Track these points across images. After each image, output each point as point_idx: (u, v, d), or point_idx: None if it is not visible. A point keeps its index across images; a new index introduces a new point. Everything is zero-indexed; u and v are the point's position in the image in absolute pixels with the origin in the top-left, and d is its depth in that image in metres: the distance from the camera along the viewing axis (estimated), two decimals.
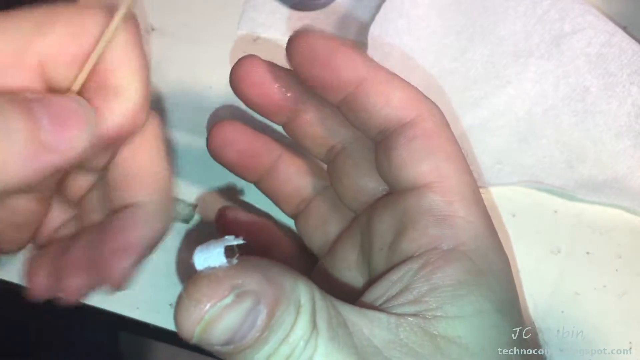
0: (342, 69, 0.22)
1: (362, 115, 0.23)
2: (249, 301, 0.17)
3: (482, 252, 0.21)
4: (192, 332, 0.17)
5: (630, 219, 0.34)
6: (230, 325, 0.17)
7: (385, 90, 0.22)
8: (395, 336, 0.19)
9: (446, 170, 0.22)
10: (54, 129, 0.17)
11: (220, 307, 0.17)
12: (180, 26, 0.42)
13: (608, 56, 0.35)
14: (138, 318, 0.33)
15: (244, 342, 0.17)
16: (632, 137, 0.34)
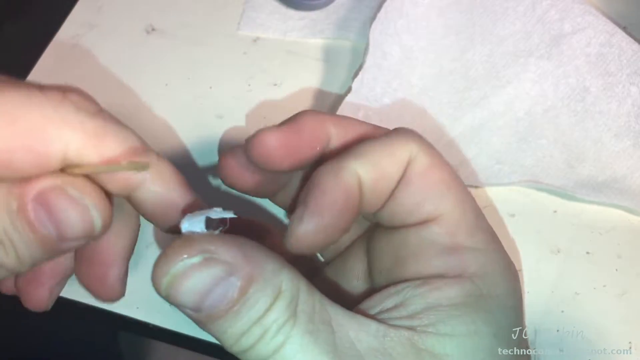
0: (342, 213, 0.20)
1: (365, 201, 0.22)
2: (218, 269, 0.18)
3: (487, 277, 0.21)
4: (159, 284, 0.18)
5: (630, 219, 0.34)
6: (196, 287, 0.18)
7: (381, 173, 0.21)
8: (380, 344, 0.19)
9: (449, 202, 0.21)
10: (60, 234, 0.18)
11: (185, 265, 0.18)
12: (180, 26, 0.43)
13: (608, 56, 0.35)
14: (138, 318, 0.33)
15: (215, 312, 0.18)
16: (632, 137, 0.34)
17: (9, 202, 0.18)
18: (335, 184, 0.20)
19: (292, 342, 0.18)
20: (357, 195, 0.21)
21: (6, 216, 0.18)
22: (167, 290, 0.18)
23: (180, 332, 0.32)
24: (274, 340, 0.18)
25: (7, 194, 0.18)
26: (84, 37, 0.42)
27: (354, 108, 0.36)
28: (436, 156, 0.22)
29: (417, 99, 0.37)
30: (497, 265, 0.22)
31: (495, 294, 0.21)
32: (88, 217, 0.18)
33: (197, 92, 0.39)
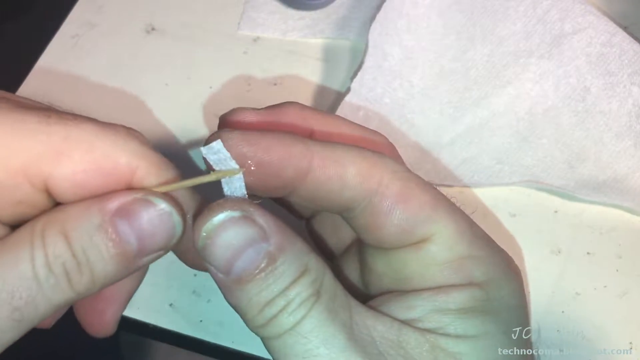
0: (282, 168, 0.20)
1: (320, 202, 0.21)
2: (253, 230, 0.19)
3: (492, 282, 0.21)
4: (199, 233, 0.19)
5: (630, 219, 0.34)
6: (231, 242, 0.18)
7: (337, 173, 0.20)
8: (395, 337, 0.20)
9: (439, 221, 0.21)
10: (142, 245, 0.19)
11: (226, 216, 0.19)
12: (180, 26, 0.42)
13: (609, 56, 0.35)
14: (138, 318, 0.33)
15: (243, 275, 0.18)
16: (633, 137, 0.34)
17: (89, 219, 0.18)
18: (285, 139, 0.20)
19: (311, 317, 0.19)
20: (298, 163, 0.20)
21: (85, 234, 0.18)
22: (204, 241, 0.19)
23: (180, 332, 0.32)
24: (295, 313, 0.19)
25: (84, 211, 0.18)
26: (84, 36, 0.42)
27: (353, 108, 0.36)
28: (410, 178, 0.21)
29: (418, 99, 0.37)
30: (498, 268, 0.22)
31: (501, 295, 0.21)
32: (170, 223, 0.19)
33: (197, 91, 0.39)
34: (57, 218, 0.18)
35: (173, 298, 0.33)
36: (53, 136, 0.18)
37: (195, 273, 0.34)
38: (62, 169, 0.18)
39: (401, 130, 0.36)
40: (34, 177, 0.18)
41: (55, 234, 0.18)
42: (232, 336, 0.32)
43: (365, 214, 0.21)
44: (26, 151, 0.18)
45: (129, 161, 0.19)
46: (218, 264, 0.19)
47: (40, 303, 0.18)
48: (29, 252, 0.17)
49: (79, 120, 0.18)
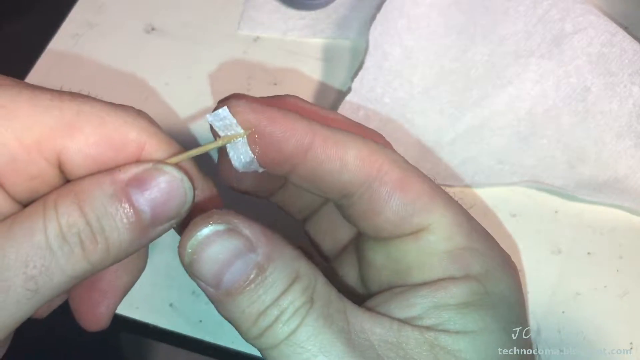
0: (283, 141, 0.20)
1: (319, 184, 0.21)
2: (239, 241, 0.19)
3: (490, 275, 0.21)
4: (185, 248, 0.19)
5: (631, 219, 0.34)
6: (218, 255, 0.18)
7: (338, 153, 0.20)
8: (394, 338, 0.19)
9: (436, 210, 0.21)
10: (155, 214, 0.19)
11: (210, 230, 0.19)
12: (180, 26, 0.42)
13: (609, 56, 0.35)
14: (138, 318, 0.33)
15: (233, 288, 0.18)
16: (633, 137, 0.34)
17: (102, 189, 0.18)
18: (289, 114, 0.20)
19: (306, 325, 0.19)
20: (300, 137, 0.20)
21: (99, 203, 0.18)
22: (191, 257, 0.19)
23: (180, 332, 0.32)
24: (290, 322, 0.19)
25: (97, 182, 0.18)
26: (84, 36, 0.42)
27: (354, 108, 0.36)
28: (408, 167, 0.22)
29: (418, 98, 0.37)
30: (496, 262, 0.22)
31: (499, 290, 0.21)
32: (182, 190, 0.19)
33: (197, 91, 0.39)
34: (70, 190, 0.18)
35: (173, 298, 0.33)
36: (65, 111, 0.18)
37: None
38: (75, 142, 0.19)
39: (401, 129, 0.36)
40: (47, 152, 0.18)
41: (68, 204, 0.18)
42: (232, 336, 0.32)
43: (364, 200, 0.21)
44: (40, 126, 0.18)
45: (138, 136, 0.19)
46: (206, 279, 0.19)
47: (55, 273, 0.18)
48: (42, 222, 0.18)
49: (90, 99, 0.19)
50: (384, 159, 0.21)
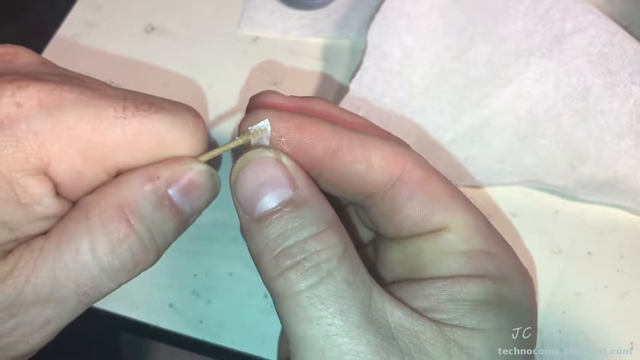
0: (311, 147, 0.21)
1: (345, 186, 0.22)
2: (284, 174, 0.19)
3: (506, 280, 0.21)
4: (235, 169, 0.20)
5: (631, 219, 0.34)
6: (261, 176, 0.19)
7: (363, 156, 0.21)
8: (411, 326, 0.19)
9: (456, 211, 0.22)
10: (193, 209, 0.20)
11: (261, 153, 0.19)
12: (180, 26, 0.42)
13: (609, 55, 0.35)
14: (138, 318, 0.33)
15: (265, 214, 0.19)
16: (634, 136, 0.34)
17: (148, 199, 0.19)
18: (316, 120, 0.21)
19: (329, 283, 0.18)
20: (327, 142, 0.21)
21: (146, 214, 0.19)
22: (237, 173, 0.19)
23: (180, 333, 0.32)
24: (312, 272, 0.18)
25: (142, 193, 0.19)
26: (84, 36, 0.42)
27: (353, 108, 0.36)
28: (430, 168, 0.22)
29: (418, 98, 0.37)
30: (511, 268, 0.22)
31: (513, 294, 0.21)
32: (213, 183, 0.20)
33: (197, 91, 0.39)
34: (114, 202, 0.19)
35: (173, 298, 0.33)
36: (128, 129, 0.19)
37: (195, 273, 0.34)
38: (135, 158, 0.19)
39: (401, 129, 0.36)
40: (109, 168, 0.19)
41: (117, 221, 0.18)
42: (232, 336, 0.32)
43: (387, 199, 0.22)
44: (104, 146, 0.18)
45: (189, 152, 0.20)
46: (244, 199, 0.19)
47: (105, 286, 0.19)
48: (87, 242, 0.18)
49: (153, 110, 0.19)
50: (407, 160, 0.22)
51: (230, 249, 0.34)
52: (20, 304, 0.18)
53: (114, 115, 0.18)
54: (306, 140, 0.21)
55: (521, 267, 0.22)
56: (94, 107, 0.18)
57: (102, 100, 0.19)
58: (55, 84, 0.18)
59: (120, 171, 0.19)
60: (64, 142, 0.18)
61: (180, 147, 0.20)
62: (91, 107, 0.18)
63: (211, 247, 0.34)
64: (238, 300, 0.33)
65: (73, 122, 0.18)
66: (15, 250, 0.18)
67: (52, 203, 0.18)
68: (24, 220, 0.18)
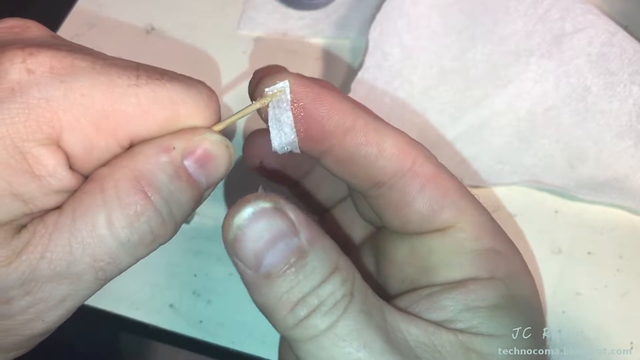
0: (327, 118, 0.20)
1: (352, 168, 0.21)
2: (284, 222, 0.18)
3: (514, 279, 0.21)
4: (230, 226, 0.18)
5: (631, 218, 0.34)
6: (262, 234, 0.18)
7: (376, 139, 0.21)
8: (429, 341, 0.19)
9: (465, 208, 0.21)
10: (209, 181, 0.19)
11: (259, 207, 0.18)
12: (180, 26, 0.42)
13: (609, 55, 0.35)
14: (138, 318, 0.33)
15: (273, 270, 0.18)
16: (634, 136, 0.34)
17: (164, 171, 0.18)
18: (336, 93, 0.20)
19: (347, 319, 0.18)
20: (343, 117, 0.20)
21: (163, 186, 0.18)
22: (236, 232, 0.18)
23: (180, 333, 0.32)
24: (330, 313, 0.18)
25: (155, 161, 0.18)
26: (84, 36, 0.42)
27: None
28: (440, 164, 0.22)
29: (418, 98, 0.37)
30: (519, 267, 0.22)
31: (523, 293, 0.21)
32: (228, 154, 0.20)
33: None
34: (129, 173, 0.18)
35: (173, 299, 0.33)
36: (142, 97, 0.18)
37: (195, 273, 0.34)
38: (148, 129, 0.18)
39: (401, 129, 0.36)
40: (122, 139, 0.18)
41: (133, 193, 0.18)
42: (232, 336, 0.32)
43: (394, 190, 0.21)
44: (117, 114, 0.18)
45: (203, 123, 0.19)
46: (247, 258, 0.18)
47: (123, 260, 0.18)
48: (103, 215, 0.17)
49: (166, 79, 0.19)
50: (418, 152, 0.21)
51: None
52: (36, 280, 0.17)
53: (127, 83, 0.18)
54: (322, 111, 0.20)
55: (526, 265, 0.22)
56: (107, 75, 0.18)
57: (115, 69, 0.18)
58: (67, 51, 0.18)
59: (133, 143, 0.19)
60: (77, 110, 0.17)
61: (194, 118, 0.19)
62: (104, 75, 0.18)
63: (211, 247, 0.34)
64: (238, 300, 0.33)
65: (86, 89, 0.17)
66: (29, 225, 0.17)
67: (66, 176, 0.17)
68: (37, 192, 0.17)
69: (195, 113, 0.19)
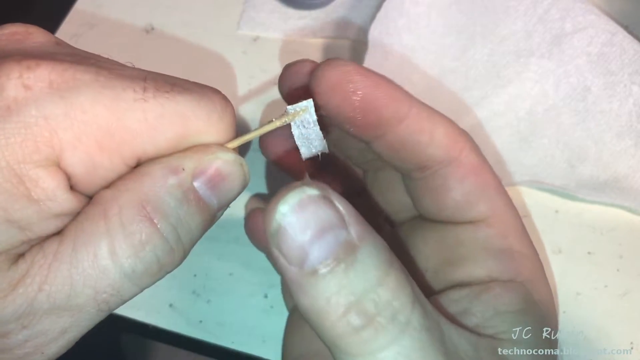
0: (384, 107, 0.20)
1: (402, 153, 0.21)
2: (332, 211, 0.16)
3: (535, 282, 0.21)
4: (273, 214, 0.16)
5: (631, 218, 0.34)
6: (310, 222, 0.16)
7: (429, 128, 0.21)
8: (474, 352, 0.19)
9: (498, 205, 0.22)
10: (221, 202, 0.18)
11: (306, 194, 0.16)
12: (180, 26, 0.42)
13: (609, 55, 0.35)
14: (138, 318, 0.33)
15: (321, 266, 0.16)
16: (634, 136, 0.34)
17: (171, 194, 0.17)
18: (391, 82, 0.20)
19: (410, 336, 0.16)
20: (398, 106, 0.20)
21: (172, 211, 0.17)
22: (279, 222, 0.16)
23: (180, 333, 0.32)
24: (392, 326, 0.16)
25: (165, 187, 0.17)
26: (84, 36, 0.42)
27: None
28: (484, 157, 0.22)
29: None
30: (540, 271, 0.22)
31: (542, 297, 0.21)
32: (242, 173, 0.19)
33: None
34: (135, 198, 0.17)
35: (173, 298, 0.33)
36: (149, 113, 0.17)
37: (195, 273, 0.34)
38: (156, 146, 0.17)
39: None
40: (128, 157, 0.17)
41: (138, 220, 0.16)
42: (232, 336, 0.32)
43: (437, 176, 0.21)
44: (122, 131, 0.17)
45: (216, 139, 0.18)
46: (292, 252, 0.16)
47: (128, 291, 0.17)
48: (106, 244, 0.16)
49: (177, 91, 0.17)
50: (465, 142, 0.22)
51: (230, 249, 0.34)
52: (34, 313, 0.16)
53: (133, 97, 0.17)
54: (381, 99, 0.20)
55: (543, 269, 0.23)
56: (111, 89, 0.16)
57: (120, 81, 0.17)
58: (68, 63, 0.16)
59: (140, 161, 0.17)
60: (78, 128, 0.16)
61: (207, 133, 0.18)
62: (108, 88, 0.16)
63: (211, 247, 0.34)
64: (238, 300, 0.33)
65: (88, 105, 0.16)
66: (27, 253, 0.16)
67: (67, 199, 0.16)
68: (35, 218, 0.16)
69: (208, 128, 0.18)
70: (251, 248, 0.31)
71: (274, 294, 0.32)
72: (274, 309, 0.32)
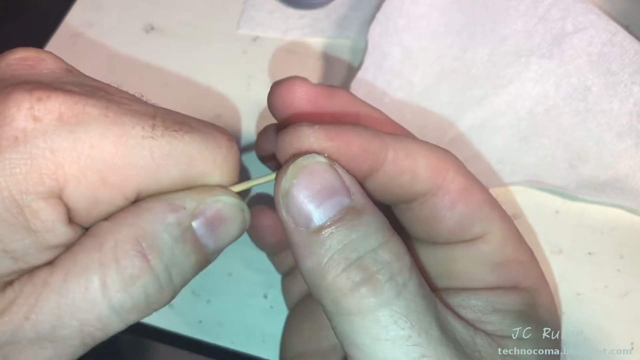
0: (360, 163, 0.19)
1: (386, 195, 0.21)
2: (339, 181, 0.17)
3: (534, 287, 0.21)
4: (284, 176, 0.17)
5: (632, 218, 0.34)
6: (317, 184, 0.17)
7: (409, 166, 0.20)
8: (472, 339, 0.19)
9: (492, 220, 0.21)
10: (217, 246, 0.18)
11: (315, 159, 0.17)
12: (180, 26, 0.42)
13: (610, 55, 0.35)
14: None
15: (326, 223, 0.17)
16: (634, 136, 0.34)
17: (168, 232, 0.17)
18: (363, 133, 0.19)
19: (407, 298, 0.16)
20: (375, 157, 0.19)
21: (167, 250, 0.17)
22: (290, 182, 0.17)
23: (179, 333, 0.32)
24: (390, 284, 0.16)
25: (162, 224, 0.17)
26: (83, 36, 0.42)
27: None
28: (470, 175, 0.22)
29: (418, 98, 0.37)
30: (539, 276, 0.22)
31: (543, 302, 0.21)
32: (242, 217, 0.19)
33: (196, 91, 0.39)
34: (131, 234, 0.17)
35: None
36: (156, 152, 0.17)
37: None
38: (159, 183, 0.17)
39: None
40: (129, 192, 0.17)
41: (132, 256, 0.16)
42: (232, 337, 0.32)
43: (426, 206, 0.21)
44: (127, 168, 0.17)
45: (219, 181, 0.18)
46: (299, 212, 0.17)
47: (114, 326, 0.17)
48: (97, 278, 0.16)
49: (185, 130, 0.18)
50: (449, 167, 0.21)
51: (230, 248, 0.34)
52: (17, 342, 0.16)
53: (142, 135, 0.17)
54: (355, 157, 0.19)
55: (544, 275, 0.22)
56: (120, 125, 0.16)
57: (129, 117, 0.17)
58: (79, 96, 0.16)
59: (140, 196, 0.17)
60: (85, 162, 0.16)
61: (210, 176, 0.18)
62: (117, 125, 0.16)
63: None
64: (238, 300, 0.33)
65: (96, 140, 0.16)
66: (16, 282, 0.16)
67: (64, 231, 0.16)
68: (31, 249, 0.16)
69: (212, 170, 0.18)
70: (251, 248, 0.30)
71: (273, 294, 0.32)
72: (273, 309, 0.32)
